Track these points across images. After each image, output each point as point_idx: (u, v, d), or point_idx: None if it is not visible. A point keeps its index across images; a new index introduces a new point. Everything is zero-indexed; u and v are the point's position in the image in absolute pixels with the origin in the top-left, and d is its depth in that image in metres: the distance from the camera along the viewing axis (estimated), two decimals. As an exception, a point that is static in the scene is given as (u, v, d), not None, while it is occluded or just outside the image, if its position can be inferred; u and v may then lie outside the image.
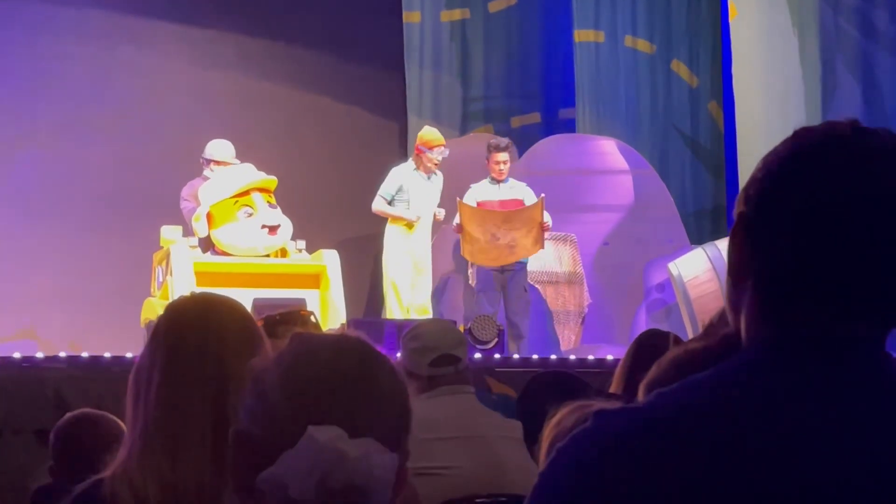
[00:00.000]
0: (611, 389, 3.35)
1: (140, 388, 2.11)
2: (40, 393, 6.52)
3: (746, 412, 1.19)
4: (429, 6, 12.35)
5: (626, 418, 1.21)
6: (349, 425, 1.44)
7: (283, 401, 1.47)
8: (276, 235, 8.57)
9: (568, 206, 10.87)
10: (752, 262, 1.29)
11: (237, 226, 8.49)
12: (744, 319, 1.30)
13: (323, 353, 1.51)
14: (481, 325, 8.26)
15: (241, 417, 1.50)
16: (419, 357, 3.95)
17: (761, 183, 1.29)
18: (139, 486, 2.04)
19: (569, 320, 10.42)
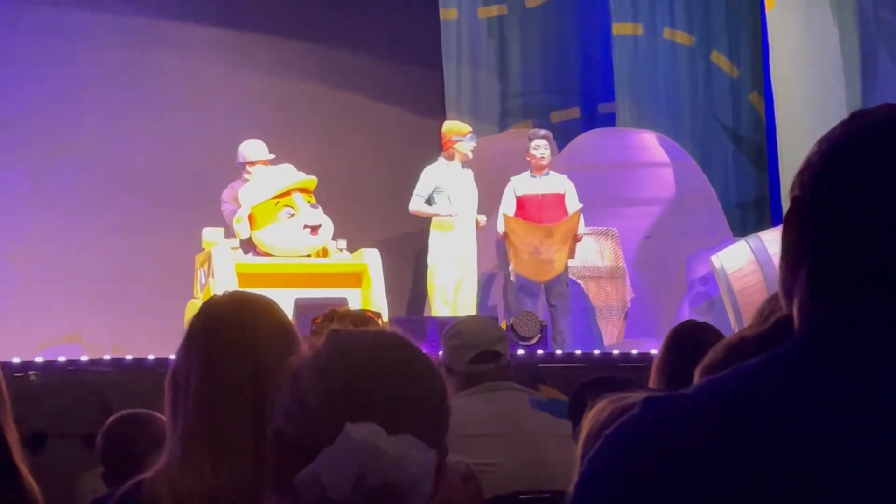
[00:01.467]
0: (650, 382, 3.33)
1: (178, 389, 2.10)
2: (85, 396, 6.56)
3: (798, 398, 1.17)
4: (466, 2, 12.34)
5: (675, 405, 1.20)
6: (387, 422, 1.43)
7: (320, 399, 1.46)
8: (317, 235, 8.58)
9: (609, 200, 10.84)
10: (806, 246, 1.27)
11: (279, 226, 8.52)
12: (797, 305, 1.28)
13: (360, 351, 1.49)
14: (524, 322, 8.24)
15: (279, 416, 1.49)
16: (460, 354, 3.94)
17: (816, 166, 1.26)
18: (180, 487, 2.03)
19: (612, 315, 10.38)
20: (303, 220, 8.53)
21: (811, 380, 1.18)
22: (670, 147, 11.43)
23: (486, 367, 3.93)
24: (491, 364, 3.95)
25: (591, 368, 7.48)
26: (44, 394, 6.73)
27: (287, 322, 2.17)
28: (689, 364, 3.12)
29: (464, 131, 9.48)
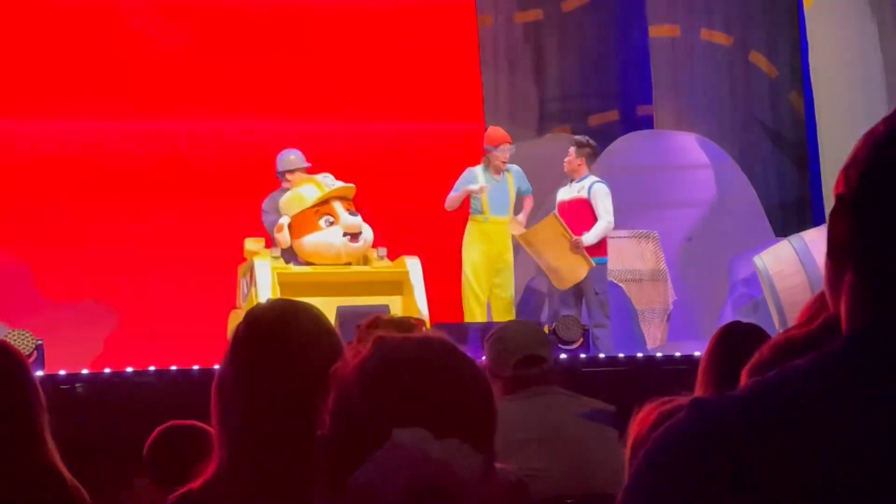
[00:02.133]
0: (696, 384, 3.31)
1: (224, 398, 2.11)
2: (130, 407, 6.60)
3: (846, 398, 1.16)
4: (502, 8, 12.35)
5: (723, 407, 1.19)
6: (434, 427, 1.43)
7: (367, 405, 1.46)
8: (358, 242, 8.62)
9: (649, 202, 10.80)
10: (853, 243, 1.25)
11: (320, 234, 8.57)
12: (844, 304, 1.26)
13: (407, 356, 1.49)
14: (566, 325, 8.22)
15: (326, 423, 1.49)
16: (504, 358, 3.93)
17: (861, 163, 1.25)
18: (228, 495, 2.04)
19: (654, 318, 10.33)
20: (343, 227, 8.57)
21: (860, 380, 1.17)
22: (710, 148, 11.38)
23: (530, 371, 3.92)
24: (535, 368, 3.94)
25: (635, 371, 7.45)
26: (90, 405, 6.78)
27: (331, 329, 2.17)
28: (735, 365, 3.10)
29: (496, 141, 9.51)
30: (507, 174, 9.53)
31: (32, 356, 7.05)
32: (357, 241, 8.61)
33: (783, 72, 12.30)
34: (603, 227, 9.20)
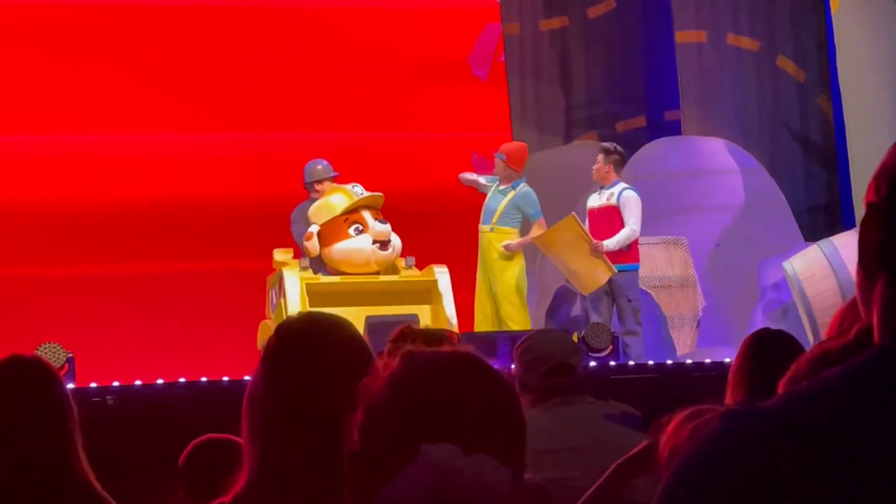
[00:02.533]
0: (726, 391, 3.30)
1: (255, 411, 2.11)
2: (161, 419, 6.62)
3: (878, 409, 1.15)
4: (527, 16, 12.36)
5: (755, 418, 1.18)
6: (463, 442, 1.43)
7: (396, 420, 1.46)
8: (387, 250, 8.64)
9: (677, 208, 10.77)
10: (884, 252, 1.24)
11: (350, 242, 8.61)
12: (876, 312, 1.26)
13: (435, 370, 1.49)
14: (595, 333, 8.21)
15: (355, 438, 1.49)
16: (533, 368, 3.92)
17: (892, 171, 1.24)
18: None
19: (683, 324, 10.30)
20: (372, 235, 8.60)
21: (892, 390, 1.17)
22: (738, 153, 11.35)
23: (559, 380, 3.91)
24: (564, 377, 3.93)
25: (664, 378, 7.43)
26: (121, 418, 6.81)
27: (361, 341, 2.17)
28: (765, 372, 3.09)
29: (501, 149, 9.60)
30: (512, 190, 9.52)
31: (64, 369, 7.08)
32: (386, 248, 8.64)
33: (811, 75, 12.25)
34: (626, 235, 9.16)
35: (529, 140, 12.02)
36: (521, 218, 9.45)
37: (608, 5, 12.50)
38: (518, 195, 9.48)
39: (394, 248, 8.72)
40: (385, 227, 8.67)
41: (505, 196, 9.52)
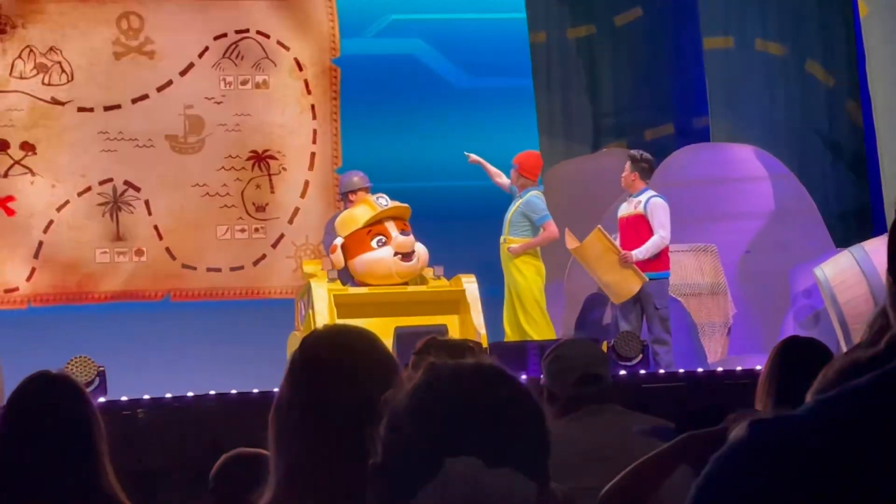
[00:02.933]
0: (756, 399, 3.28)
1: (281, 423, 2.11)
2: (192, 431, 6.64)
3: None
4: (554, 25, 12.36)
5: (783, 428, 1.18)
6: (487, 455, 1.42)
7: (418, 433, 1.45)
8: (410, 261, 8.64)
9: (707, 215, 10.74)
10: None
11: (372, 254, 8.62)
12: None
13: (457, 383, 1.48)
14: (625, 342, 8.18)
15: (379, 451, 1.49)
16: (561, 378, 3.91)
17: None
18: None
19: (714, 332, 10.26)
20: (394, 247, 8.61)
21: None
22: (767, 159, 11.30)
23: (588, 389, 3.90)
24: (593, 387, 3.92)
25: (694, 387, 7.40)
26: (152, 431, 6.83)
27: (387, 354, 2.17)
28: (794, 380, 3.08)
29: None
30: (519, 199, 9.54)
31: (94, 382, 7.11)
32: (409, 259, 8.64)
33: (840, 80, 12.19)
34: (654, 243, 9.14)
35: (557, 149, 12.02)
36: (529, 226, 9.46)
37: (635, 13, 12.48)
38: (523, 203, 9.51)
39: (418, 259, 8.72)
40: (407, 239, 8.67)
41: (513, 206, 9.57)
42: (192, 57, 11.08)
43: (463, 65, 11.83)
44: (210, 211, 10.94)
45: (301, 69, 11.24)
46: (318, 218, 10.92)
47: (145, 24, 11.00)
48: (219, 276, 10.90)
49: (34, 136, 10.72)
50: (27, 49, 10.80)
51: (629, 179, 9.37)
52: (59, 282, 10.65)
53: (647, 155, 9.54)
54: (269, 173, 11.07)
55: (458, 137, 11.46)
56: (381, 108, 11.63)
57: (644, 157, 9.44)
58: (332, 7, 11.35)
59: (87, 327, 10.27)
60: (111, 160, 10.84)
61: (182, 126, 10.98)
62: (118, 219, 10.78)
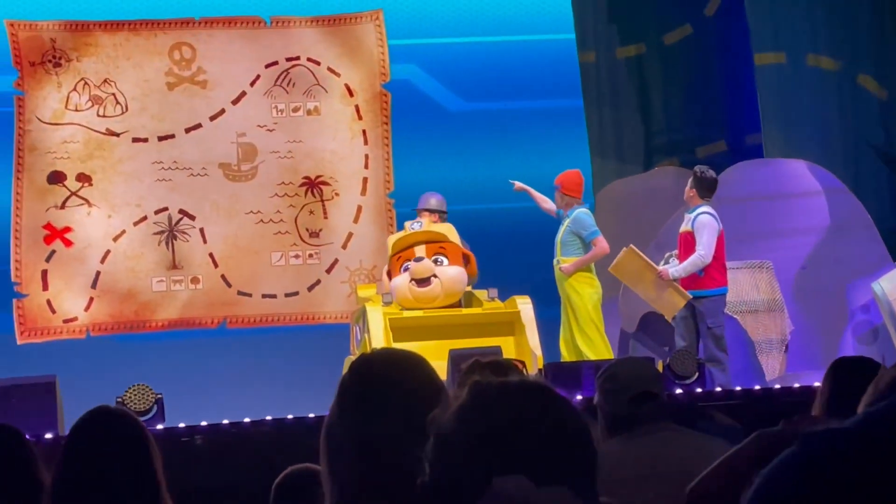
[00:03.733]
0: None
1: (330, 445, 2.13)
2: (249, 457, 6.67)
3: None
4: (603, 45, 12.35)
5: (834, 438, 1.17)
6: (534, 474, 1.42)
7: (464, 453, 1.45)
8: (424, 287, 8.68)
9: (761, 232, 10.67)
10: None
11: (395, 279, 8.80)
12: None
13: (503, 402, 1.48)
14: (680, 360, 8.13)
15: (426, 470, 1.49)
16: (616, 397, 3.90)
17: None
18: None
19: (771, 349, 10.18)
20: (410, 274, 8.70)
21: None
22: (821, 174, 11.22)
23: (642, 408, 3.88)
24: (648, 405, 3.90)
25: (752, 404, 7.35)
26: (210, 457, 6.87)
27: (434, 376, 2.18)
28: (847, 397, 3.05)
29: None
30: (567, 218, 9.55)
31: (152, 410, 7.17)
32: (424, 285, 8.68)
33: (893, 93, 12.08)
34: (692, 261, 9.08)
35: (609, 169, 12.00)
36: (580, 244, 9.45)
37: (684, 31, 12.45)
38: (571, 221, 9.52)
39: (439, 284, 8.72)
40: (421, 265, 8.70)
41: (561, 226, 9.57)
42: (244, 85, 11.17)
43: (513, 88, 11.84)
44: (264, 238, 11.02)
45: (352, 95, 11.31)
46: (371, 242, 10.97)
47: (197, 54, 11.12)
48: (274, 302, 10.97)
49: (90, 168, 10.85)
50: (82, 81, 10.94)
51: (688, 195, 9.38)
52: (117, 311, 10.76)
53: (709, 173, 9.48)
54: (322, 199, 11.13)
55: (509, 159, 11.47)
56: (430, 131, 11.67)
57: (704, 175, 9.39)
58: (381, 32, 11.41)
59: (145, 355, 10.37)
60: (166, 189, 10.95)
61: (235, 154, 11.07)
62: (174, 247, 10.88)
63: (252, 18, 11.31)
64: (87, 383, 8.39)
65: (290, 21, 11.38)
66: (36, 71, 10.94)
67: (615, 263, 9.20)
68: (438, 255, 8.76)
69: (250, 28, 11.27)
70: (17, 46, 10.92)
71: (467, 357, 6.71)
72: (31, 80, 10.93)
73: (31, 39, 10.96)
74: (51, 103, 10.91)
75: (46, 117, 10.88)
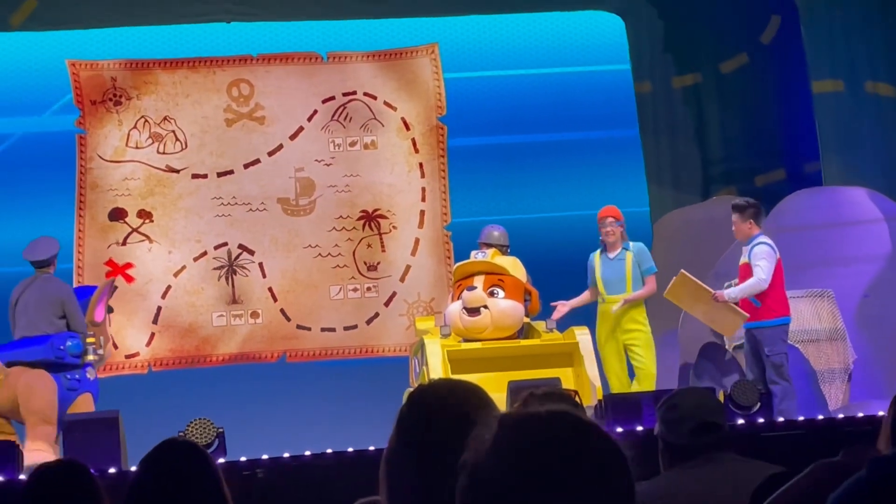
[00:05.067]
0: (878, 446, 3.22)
1: (390, 476, 2.13)
2: (310, 490, 6.68)
3: None
4: (659, 75, 12.34)
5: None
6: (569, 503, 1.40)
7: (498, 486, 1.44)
8: (474, 317, 8.68)
9: (822, 260, 10.57)
10: None
11: (451, 306, 8.81)
12: None
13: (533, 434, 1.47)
14: (742, 391, 8.06)
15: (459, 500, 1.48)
16: (676, 427, 3.87)
17: None
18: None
19: (834, 378, 10.07)
20: (462, 302, 8.72)
21: None
22: (882, 202, 11.11)
23: (703, 438, 3.86)
24: (709, 436, 3.88)
25: (815, 434, 7.27)
26: (271, 490, 6.89)
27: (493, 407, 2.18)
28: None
29: (599, 215, 9.56)
30: (626, 252, 9.48)
31: (214, 444, 7.21)
32: (473, 315, 8.67)
33: (952, 119, 11.97)
34: (750, 284, 8.98)
35: (666, 198, 11.97)
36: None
37: (740, 60, 12.41)
38: (637, 252, 9.49)
39: (488, 316, 8.71)
40: (472, 294, 8.70)
41: (625, 262, 9.49)
42: (302, 120, 11.27)
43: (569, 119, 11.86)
44: (323, 271, 11.08)
45: (408, 128, 11.37)
46: (429, 275, 11.00)
47: (255, 90, 11.23)
48: (333, 335, 11.01)
49: (150, 204, 10.97)
50: (142, 119, 11.08)
51: (743, 229, 9.16)
52: (178, 346, 10.84)
53: (751, 200, 9.39)
54: (380, 232, 11.18)
55: (566, 190, 11.47)
56: (487, 163, 11.71)
57: (750, 203, 9.28)
58: (437, 65, 11.47)
59: (206, 389, 10.44)
60: (225, 224, 11.04)
61: (293, 189, 11.15)
62: (233, 282, 10.96)
63: (309, 54, 11.41)
64: (149, 418, 8.45)
65: (346, 56, 11.46)
66: (97, 109, 11.09)
67: (669, 289, 9.15)
68: (495, 287, 8.76)
69: (307, 64, 11.37)
70: (78, 85, 11.08)
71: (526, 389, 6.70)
72: (93, 119, 11.08)
73: (92, 78, 11.11)
74: (112, 141, 11.05)
75: (108, 155, 11.02)
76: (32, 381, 8.17)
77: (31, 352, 8.34)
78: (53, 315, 8.50)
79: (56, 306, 8.51)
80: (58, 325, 8.49)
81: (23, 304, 8.55)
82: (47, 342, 8.35)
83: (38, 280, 8.64)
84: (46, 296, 8.52)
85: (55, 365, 8.37)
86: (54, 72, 11.18)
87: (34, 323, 8.45)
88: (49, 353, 8.33)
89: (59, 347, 8.35)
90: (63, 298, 8.56)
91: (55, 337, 8.39)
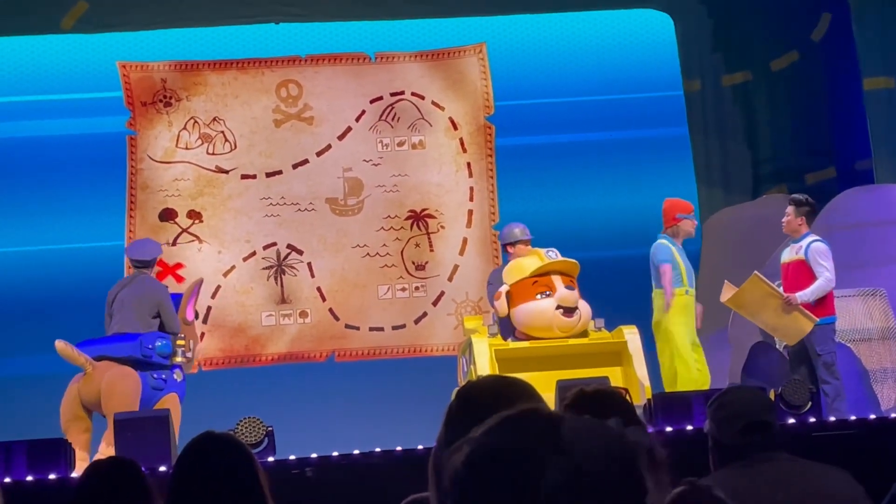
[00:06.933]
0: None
1: (437, 473, 2.13)
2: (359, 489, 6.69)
3: None
4: (709, 73, 12.27)
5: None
6: None
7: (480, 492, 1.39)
8: (571, 318, 8.60)
9: (874, 259, 10.47)
10: None
11: (534, 305, 8.62)
12: None
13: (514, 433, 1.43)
14: (793, 390, 8.00)
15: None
16: (728, 425, 3.85)
17: None
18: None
19: (886, 378, 9.97)
20: (557, 300, 8.58)
21: None
22: (934, 198, 11.00)
23: (754, 437, 3.83)
24: (760, 435, 3.85)
25: (867, 434, 7.20)
26: (320, 489, 6.91)
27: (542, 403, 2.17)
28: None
29: (688, 208, 9.40)
30: (680, 244, 9.40)
31: (263, 443, 7.24)
32: (570, 315, 8.60)
33: None
34: (820, 286, 8.88)
35: (716, 197, 11.90)
36: None
37: (791, 57, 12.32)
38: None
39: (580, 316, 8.66)
40: (571, 293, 8.64)
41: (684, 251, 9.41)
42: (350, 121, 11.30)
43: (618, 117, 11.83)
44: (371, 271, 11.10)
45: (456, 128, 11.37)
46: (477, 274, 11.00)
47: (303, 91, 11.27)
48: (381, 335, 11.03)
49: (200, 205, 11.04)
50: (191, 120, 11.15)
51: (794, 224, 9.09)
52: (228, 345, 10.90)
53: (810, 199, 9.30)
54: (428, 232, 11.19)
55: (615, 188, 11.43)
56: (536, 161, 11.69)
57: (808, 201, 9.20)
58: (484, 65, 11.47)
59: (255, 388, 10.49)
60: (274, 225, 11.09)
61: (342, 189, 11.19)
62: (282, 282, 11.00)
63: (357, 55, 11.44)
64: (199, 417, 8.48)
65: (394, 56, 11.48)
66: (147, 111, 11.17)
67: (737, 293, 8.99)
68: (570, 287, 8.73)
69: (355, 64, 11.40)
70: (129, 87, 11.17)
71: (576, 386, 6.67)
72: (143, 120, 11.16)
73: (142, 80, 11.20)
74: (162, 142, 11.13)
75: (158, 156, 11.10)
76: (115, 378, 8.18)
77: (119, 347, 8.35)
78: (148, 314, 8.51)
79: (152, 306, 8.53)
80: (151, 324, 8.51)
81: (119, 301, 8.58)
82: (136, 340, 8.36)
83: (137, 279, 8.66)
84: (144, 295, 8.54)
85: (142, 363, 8.38)
86: (105, 73, 11.27)
87: (128, 320, 8.47)
88: (136, 350, 8.33)
89: (147, 346, 8.36)
90: (160, 299, 8.57)
91: (145, 336, 8.40)
